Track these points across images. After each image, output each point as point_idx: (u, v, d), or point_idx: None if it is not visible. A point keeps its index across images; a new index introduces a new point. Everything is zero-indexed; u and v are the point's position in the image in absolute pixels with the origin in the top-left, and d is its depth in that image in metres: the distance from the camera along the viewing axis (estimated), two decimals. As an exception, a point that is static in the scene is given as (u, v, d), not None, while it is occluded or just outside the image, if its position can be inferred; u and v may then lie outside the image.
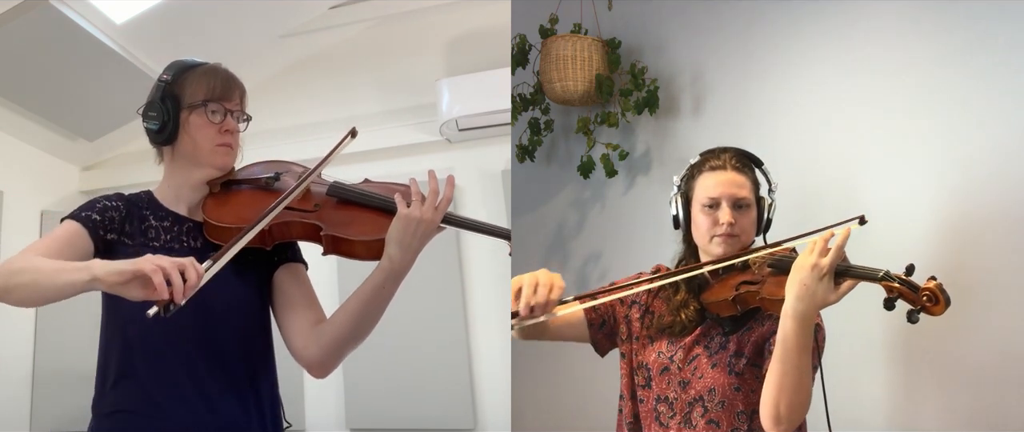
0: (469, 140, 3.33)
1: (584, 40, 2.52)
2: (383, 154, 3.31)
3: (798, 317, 1.31)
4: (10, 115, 3.24)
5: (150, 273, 1.13)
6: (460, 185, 3.34)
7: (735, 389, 1.49)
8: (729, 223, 1.52)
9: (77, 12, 2.80)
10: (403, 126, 3.38)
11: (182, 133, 1.48)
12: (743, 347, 1.50)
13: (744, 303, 1.46)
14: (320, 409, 3.31)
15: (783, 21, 2.36)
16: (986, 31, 2.04)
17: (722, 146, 1.63)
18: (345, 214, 1.49)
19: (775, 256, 1.46)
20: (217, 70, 1.52)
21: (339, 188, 1.54)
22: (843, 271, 1.30)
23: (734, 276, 1.51)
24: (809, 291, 1.29)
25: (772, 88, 2.36)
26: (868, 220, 1.44)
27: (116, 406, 1.40)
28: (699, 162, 1.62)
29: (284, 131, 3.32)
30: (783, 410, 1.35)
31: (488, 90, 3.06)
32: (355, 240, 1.44)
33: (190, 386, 1.40)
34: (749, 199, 1.56)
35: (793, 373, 1.33)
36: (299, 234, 1.49)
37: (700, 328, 1.55)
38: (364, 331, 1.46)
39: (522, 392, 2.68)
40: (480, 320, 3.20)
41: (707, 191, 1.56)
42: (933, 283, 1.26)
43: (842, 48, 2.25)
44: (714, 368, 1.50)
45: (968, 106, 2.05)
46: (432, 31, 3.42)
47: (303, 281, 1.55)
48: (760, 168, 1.63)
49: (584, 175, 2.57)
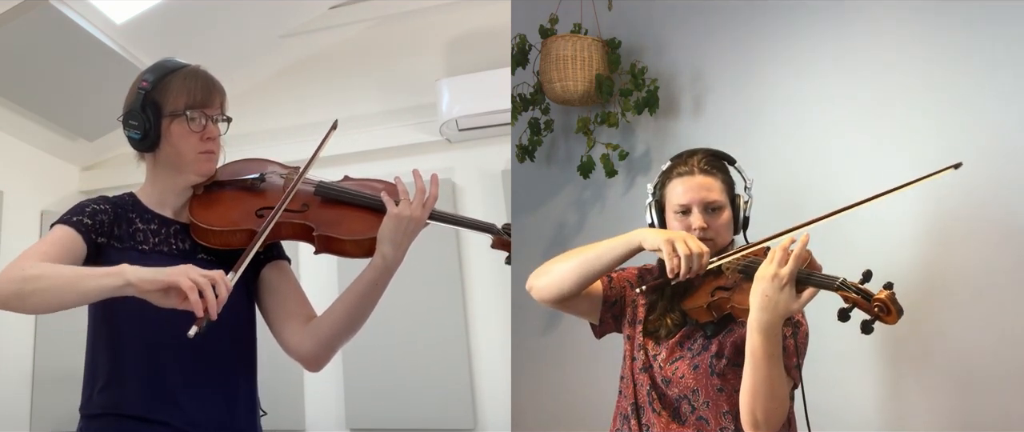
0: (469, 140, 3.33)
1: (584, 40, 2.52)
2: (383, 154, 3.31)
3: (763, 329, 1.32)
4: (10, 115, 3.24)
5: (187, 290, 1.17)
6: (460, 185, 3.34)
7: (718, 390, 1.50)
8: (701, 228, 1.52)
9: (77, 12, 2.80)
10: (403, 126, 3.38)
11: (164, 141, 1.48)
12: (724, 348, 1.51)
13: (718, 310, 1.48)
14: (320, 409, 3.31)
15: (782, 21, 2.36)
16: (982, 32, 2.05)
17: (691, 149, 1.63)
18: (334, 213, 1.51)
19: (746, 260, 1.45)
20: (197, 74, 1.51)
21: (326, 188, 1.55)
22: (804, 279, 1.31)
23: (710, 282, 1.51)
24: (771, 302, 1.30)
25: (771, 88, 2.36)
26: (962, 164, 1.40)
27: (104, 408, 1.41)
28: (669, 168, 1.62)
29: (284, 131, 3.32)
30: (759, 416, 1.37)
31: (488, 90, 3.06)
32: (346, 239, 1.47)
33: (178, 386, 1.40)
34: (721, 201, 1.56)
35: (765, 382, 1.35)
36: (289, 234, 1.49)
37: (684, 330, 1.56)
38: (357, 325, 1.49)
39: (522, 392, 2.68)
40: (480, 320, 3.20)
41: (677, 198, 1.56)
42: (885, 294, 1.27)
43: (841, 48, 2.25)
44: (695, 370, 1.51)
45: (966, 106, 2.06)
46: (432, 31, 3.42)
47: (290, 278, 1.57)
48: (733, 165, 1.62)
49: (584, 175, 2.57)
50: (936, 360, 2.02)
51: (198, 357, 1.41)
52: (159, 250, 1.45)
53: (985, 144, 2.02)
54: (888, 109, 2.17)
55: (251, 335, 1.54)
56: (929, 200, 2.05)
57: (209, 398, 1.43)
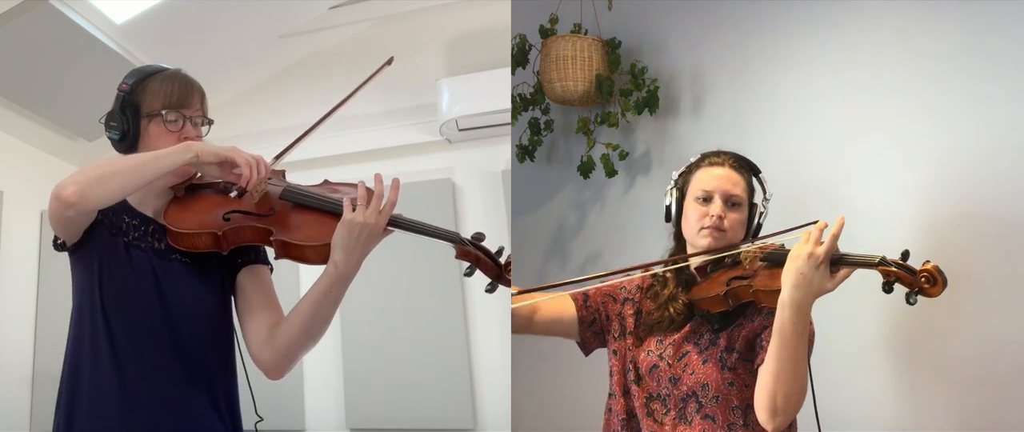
0: (469, 140, 3.33)
1: (584, 40, 2.52)
2: (383, 154, 3.31)
3: (795, 306, 1.32)
4: (10, 115, 3.24)
5: (242, 164, 1.40)
6: (460, 185, 3.34)
7: (729, 384, 1.49)
8: (718, 215, 1.54)
9: (77, 12, 2.80)
10: (403, 126, 3.38)
11: (142, 142, 1.49)
12: (734, 342, 1.51)
13: (736, 297, 1.47)
14: (320, 409, 3.31)
15: (782, 21, 2.36)
16: (983, 29, 2.05)
17: (724, 149, 1.65)
18: (297, 218, 1.48)
19: (766, 250, 1.47)
20: (175, 76, 1.53)
21: (291, 191, 1.51)
22: (838, 259, 1.32)
23: (723, 273, 1.52)
24: (806, 280, 1.31)
25: (771, 88, 2.36)
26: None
27: (81, 402, 1.41)
28: (699, 159, 1.65)
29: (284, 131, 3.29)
30: (780, 401, 1.36)
31: (488, 90, 3.06)
32: (304, 245, 1.42)
33: (152, 385, 1.40)
34: (742, 198, 1.58)
35: (790, 362, 1.34)
36: (252, 238, 1.47)
37: (689, 325, 1.56)
38: (315, 335, 1.46)
39: (522, 392, 2.68)
40: (480, 320, 3.20)
41: (702, 184, 1.58)
42: (930, 265, 1.29)
43: (841, 47, 2.25)
44: (705, 364, 1.51)
45: (968, 104, 2.05)
46: (432, 31, 3.42)
47: (263, 283, 1.55)
48: (757, 176, 1.64)
49: (584, 175, 2.57)
50: (945, 359, 2.01)
51: (173, 356, 1.42)
52: (137, 246, 1.46)
53: (991, 142, 2.01)
54: (889, 108, 2.17)
55: (227, 337, 1.53)
56: (940, 198, 2.05)
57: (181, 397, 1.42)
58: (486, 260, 1.52)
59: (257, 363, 1.49)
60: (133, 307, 1.42)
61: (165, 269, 1.45)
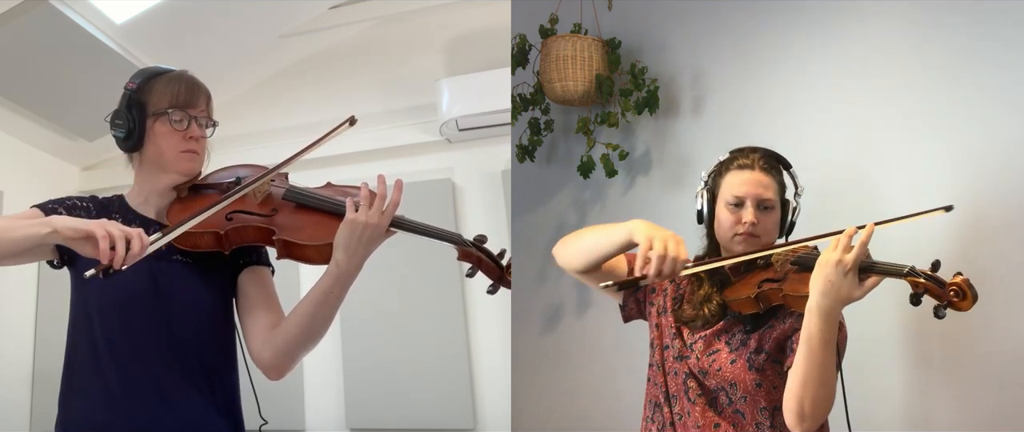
0: (469, 140, 3.33)
1: (584, 40, 2.52)
2: (383, 154, 3.31)
3: (823, 313, 1.32)
4: (10, 115, 3.24)
5: (99, 237, 1.21)
6: (460, 185, 3.34)
7: (757, 385, 1.49)
8: (751, 223, 1.53)
9: (77, 12, 2.80)
10: (403, 126, 3.38)
11: (148, 140, 1.50)
12: (764, 344, 1.51)
13: (766, 300, 1.47)
14: (320, 409, 3.31)
15: (783, 21, 2.36)
16: (994, 27, 2.04)
17: (752, 145, 1.64)
18: (299, 218, 1.49)
19: (797, 254, 1.46)
20: (182, 77, 1.54)
21: (293, 192, 1.53)
22: (868, 267, 1.31)
23: (756, 274, 1.52)
24: (834, 287, 1.30)
25: (772, 88, 2.36)
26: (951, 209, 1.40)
27: (80, 403, 1.42)
28: (728, 159, 1.63)
29: (284, 131, 3.31)
30: (807, 406, 1.35)
31: (488, 90, 3.06)
32: (306, 245, 1.43)
33: (152, 385, 1.41)
34: (773, 201, 1.57)
35: (817, 369, 1.33)
36: (254, 238, 1.48)
37: (722, 323, 1.56)
38: (315, 335, 1.46)
39: (522, 392, 2.68)
40: (480, 320, 3.20)
41: (733, 189, 1.57)
42: (960, 278, 1.27)
43: (841, 46, 2.25)
44: (734, 363, 1.51)
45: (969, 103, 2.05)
46: (432, 31, 3.42)
47: (264, 284, 1.56)
48: (788, 170, 1.64)
49: (584, 175, 2.57)
50: (968, 360, 2.00)
51: (173, 356, 1.43)
52: None
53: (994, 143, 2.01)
54: (889, 108, 2.16)
55: (227, 337, 1.54)
56: (958, 199, 2.03)
57: (181, 396, 1.43)
58: (488, 262, 1.52)
59: (258, 363, 1.50)
60: (130, 308, 1.42)
61: (163, 270, 1.46)
